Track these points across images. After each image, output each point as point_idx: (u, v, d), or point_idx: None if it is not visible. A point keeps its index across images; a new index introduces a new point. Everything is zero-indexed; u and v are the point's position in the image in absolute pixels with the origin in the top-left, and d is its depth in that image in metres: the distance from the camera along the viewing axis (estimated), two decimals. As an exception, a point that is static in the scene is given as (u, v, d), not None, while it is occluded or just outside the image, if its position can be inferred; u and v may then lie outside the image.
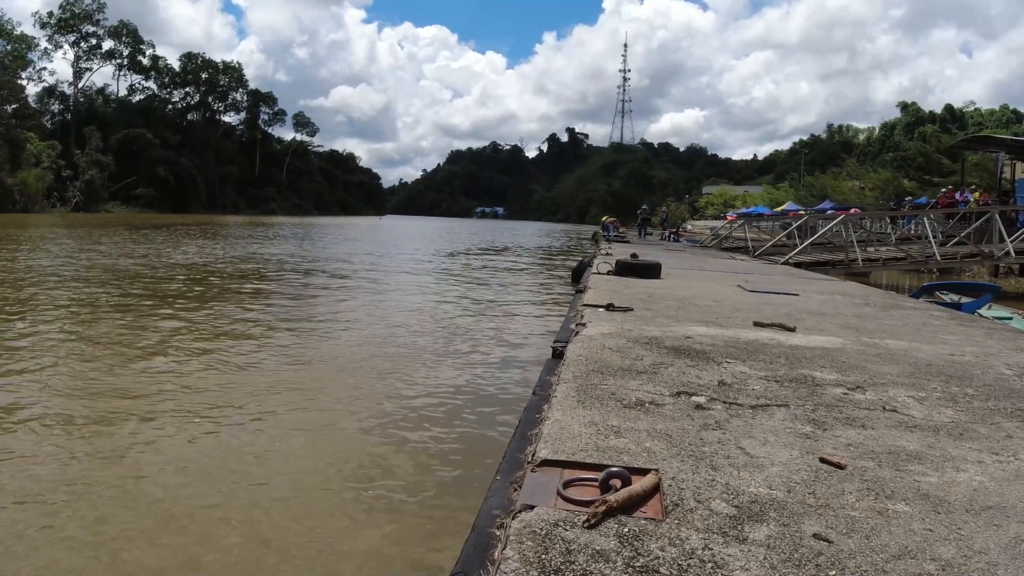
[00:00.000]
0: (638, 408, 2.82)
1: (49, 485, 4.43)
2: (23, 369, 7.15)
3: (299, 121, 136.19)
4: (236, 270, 19.41)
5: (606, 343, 4.23)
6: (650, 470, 2.06)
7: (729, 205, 76.55)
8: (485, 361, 8.60)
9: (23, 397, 6.18)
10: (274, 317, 11.40)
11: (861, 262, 18.69)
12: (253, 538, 3.91)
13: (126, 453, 5.08)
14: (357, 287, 16.45)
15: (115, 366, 7.53)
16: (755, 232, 30.90)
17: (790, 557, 1.60)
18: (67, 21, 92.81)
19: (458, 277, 20.58)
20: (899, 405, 3.08)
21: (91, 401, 6.23)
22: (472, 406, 6.68)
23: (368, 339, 9.76)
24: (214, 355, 8.21)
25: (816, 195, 61.83)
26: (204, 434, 5.52)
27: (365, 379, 7.52)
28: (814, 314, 6.38)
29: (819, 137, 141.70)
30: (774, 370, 3.70)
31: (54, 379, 6.83)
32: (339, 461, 5.17)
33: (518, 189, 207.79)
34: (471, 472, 5.02)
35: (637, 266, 9.53)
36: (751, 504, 1.90)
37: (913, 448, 2.48)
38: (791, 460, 2.28)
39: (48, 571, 3.48)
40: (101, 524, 3.95)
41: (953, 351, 4.64)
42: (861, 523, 1.81)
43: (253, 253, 26.53)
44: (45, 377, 6.85)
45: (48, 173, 70.70)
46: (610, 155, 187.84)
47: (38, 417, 5.69)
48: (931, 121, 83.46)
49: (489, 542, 1.70)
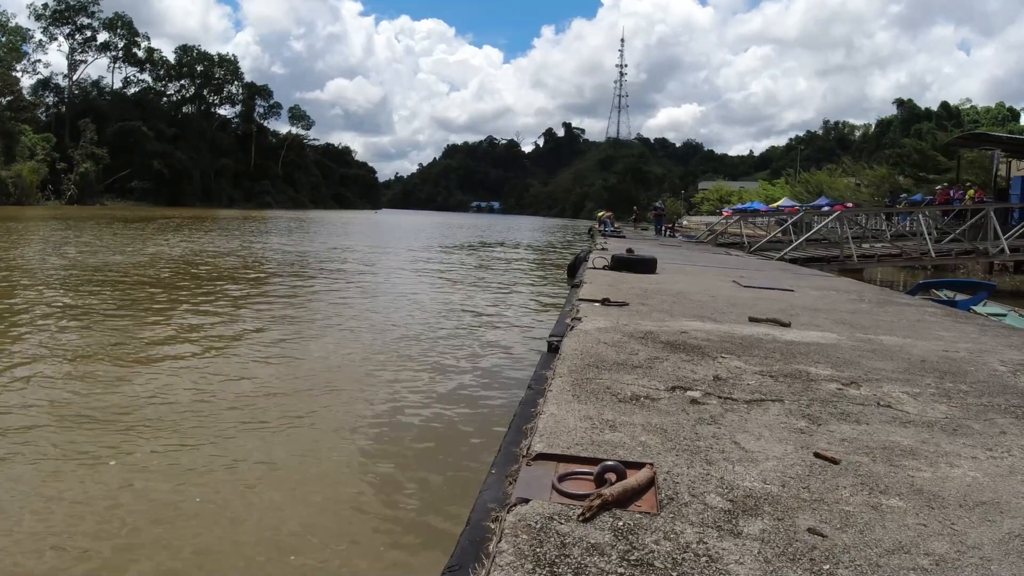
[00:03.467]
0: (633, 402, 2.82)
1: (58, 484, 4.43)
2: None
3: (295, 114, 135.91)
4: (231, 266, 19.36)
5: (601, 337, 4.22)
6: (645, 464, 2.06)
7: (725, 201, 76.55)
8: (480, 355, 8.61)
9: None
10: (272, 307, 11.39)
11: (856, 258, 18.70)
12: (256, 533, 3.91)
13: (115, 456, 5.08)
14: (352, 282, 16.43)
15: (100, 376, 7.51)
16: (751, 228, 30.92)
17: (784, 551, 1.60)
18: (62, 13, 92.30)
19: (453, 271, 20.57)
20: (893, 401, 3.08)
21: (83, 401, 6.22)
22: (467, 400, 6.68)
23: (362, 333, 9.76)
24: (212, 361, 8.20)
25: (812, 191, 61.88)
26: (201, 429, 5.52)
27: (359, 373, 7.52)
28: (809, 310, 6.39)
29: (815, 133, 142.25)
30: (769, 365, 3.70)
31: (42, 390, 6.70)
32: (329, 453, 5.17)
33: (514, 183, 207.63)
34: (466, 465, 5.03)
35: (633, 261, 9.52)
36: (746, 498, 1.90)
37: (907, 444, 2.48)
38: (786, 455, 2.29)
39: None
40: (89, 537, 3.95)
41: (947, 347, 4.65)
42: (855, 518, 1.81)
43: (263, 247, 26.46)
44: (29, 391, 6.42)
45: (43, 166, 70.40)
46: (606, 150, 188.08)
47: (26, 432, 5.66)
48: (927, 118, 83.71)
49: (484, 535, 1.70)
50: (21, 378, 6.67)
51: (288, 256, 22.93)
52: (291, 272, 18.06)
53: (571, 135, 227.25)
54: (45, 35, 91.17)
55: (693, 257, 14.99)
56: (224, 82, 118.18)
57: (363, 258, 23.66)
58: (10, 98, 72.41)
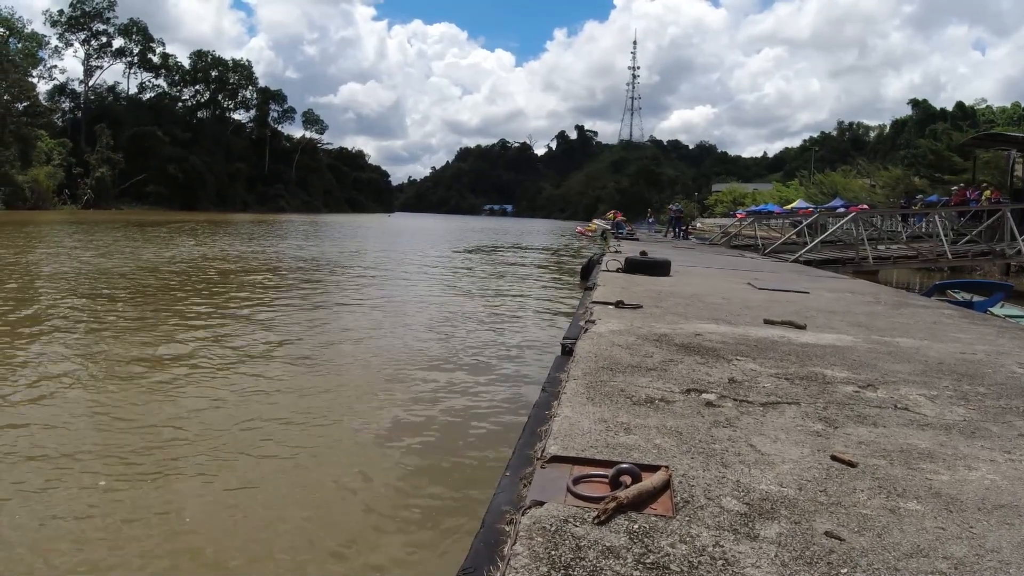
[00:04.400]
0: (648, 405, 2.81)
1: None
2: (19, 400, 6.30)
3: (308, 118, 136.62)
4: (249, 268, 19.47)
5: (615, 340, 4.22)
6: (660, 467, 2.06)
7: (738, 203, 76.17)
8: (494, 357, 8.61)
9: (19, 422, 5.62)
10: (290, 306, 11.44)
11: (872, 260, 18.57)
12: (274, 530, 3.93)
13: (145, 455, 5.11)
14: (368, 283, 16.48)
15: (122, 378, 7.57)
16: (765, 230, 30.79)
17: (801, 555, 1.59)
18: (77, 19, 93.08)
19: (468, 274, 20.60)
20: (910, 403, 3.06)
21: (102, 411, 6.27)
22: (481, 403, 6.68)
23: (377, 335, 9.78)
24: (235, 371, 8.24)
25: (826, 193, 61.49)
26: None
27: (374, 376, 7.54)
28: (824, 312, 6.36)
29: (830, 134, 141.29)
30: (784, 368, 3.68)
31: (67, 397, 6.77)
32: (341, 454, 5.19)
33: (527, 186, 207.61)
34: (480, 468, 5.03)
35: (646, 263, 9.50)
36: (762, 502, 1.89)
37: (925, 446, 2.47)
38: (802, 458, 2.28)
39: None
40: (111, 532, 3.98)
41: (964, 349, 4.61)
42: (873, 521, 1.80)
43: (277, 252, 26.60)
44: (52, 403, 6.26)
45: (59, 171, 71.02)
46: (619, 152, 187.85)
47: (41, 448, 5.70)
48: (942, 118, 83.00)
49: (499, 538, 1.71)
50: (53, 378, 6.74)
51: (306, 259, 23.03)
52: (308, 275, 18.14)
53: (583, 138, 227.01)
54: (61, 41, 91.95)
55: (707, 259, 14.94)
56: (238, 87, 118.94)
57: (378, 261, 23.74)
58: (26, 104, 73.02)
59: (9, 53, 71.21)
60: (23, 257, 18.99)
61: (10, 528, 3.83)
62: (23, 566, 3.48)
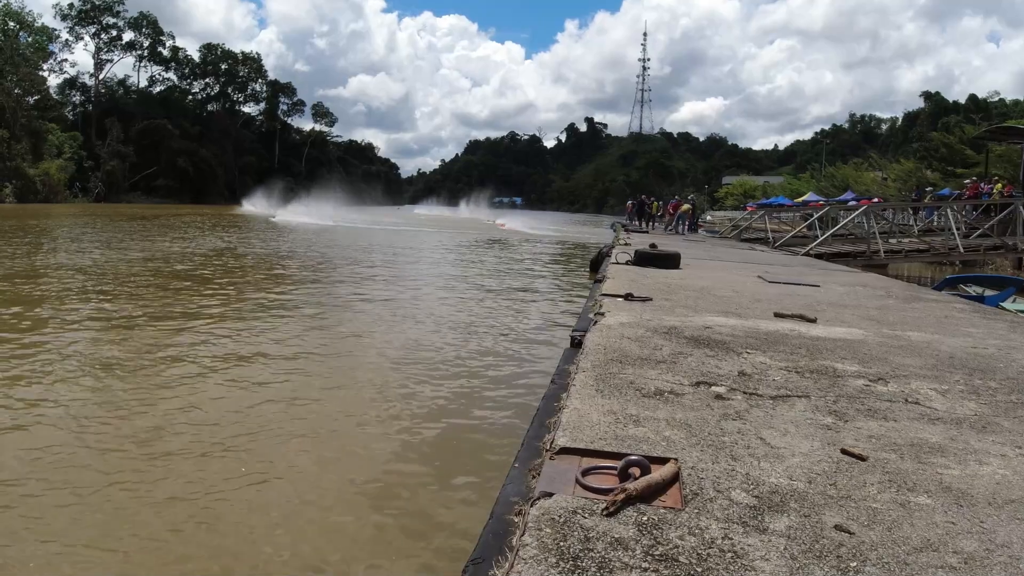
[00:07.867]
0: (657, 397, 2.81)
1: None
2: (29, 379, 6.65)
3: (318, 111, 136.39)
4: (259, 264, 19.53)
5: (625, 332, 4.21)
6: (669, 459, 2.06)
7: (749, 196, 75.90)
8: (504, 350, 8.62)
9: (29, 411, 5.78)
10: (304, 291, 11.48)
11: (883, 254, 18.46)
12: (285, 525, 3.96)
13: (143, 446, 5.15)
14: (379, 274, 16.50)
15: (128, 366, 7.61)
16: (775, 223, 30.58)
17: (811, 548, 1.59)
18: (87, 12, 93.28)
19: (478, 266, 20.59)
20: (921, 397, 3.05)
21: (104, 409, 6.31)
22: (491, 394, 6.70)
23: (390, 327, 9.81)
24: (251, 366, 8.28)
25: (837, 186, 61.09)
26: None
27: (386, 367, 7.56)
28: (835, 305, 6.33)
29: (841, 127, 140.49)
30: (795, 361, 3.67)
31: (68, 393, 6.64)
32: (354, 445, 5.21)
33: (536, 179, 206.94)
34: (488, 459, 5.04)
35: (656, 256, 9.48)
36: (771, 495, 1.89)
37: (935, 441, 2.45)
38: (812, 451, 2.27)
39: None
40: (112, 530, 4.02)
41: (976, 344, 4.58)
42: (883, 515, 1.80)
43: (289, 246, 26.65)
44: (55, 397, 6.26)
45: (70, 164, 71.42)
46: (629, 145, 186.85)
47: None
48: (955, 111, 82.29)
49: (507, 528, 1.71)
50: (66, 376, 6.79)
51: (316, 251, 23.08)
52: (318, 268, 18.19)
53: (593, 130, 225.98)
54: (71, 35, 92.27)
55: (717, 252, 14.89)
56: (248, 80, 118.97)
57: (390, 254, 23.76)
58: (37, 97, 73.43)
59: (20, 47, 71.52)
60: (47, 256, 19.11)
61: (18, 523, 3.87)
62: (24, 567, 3.52)
